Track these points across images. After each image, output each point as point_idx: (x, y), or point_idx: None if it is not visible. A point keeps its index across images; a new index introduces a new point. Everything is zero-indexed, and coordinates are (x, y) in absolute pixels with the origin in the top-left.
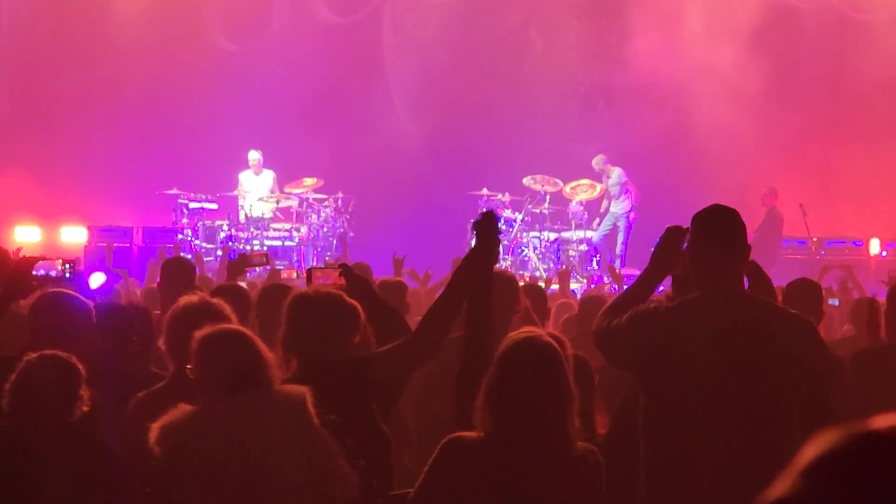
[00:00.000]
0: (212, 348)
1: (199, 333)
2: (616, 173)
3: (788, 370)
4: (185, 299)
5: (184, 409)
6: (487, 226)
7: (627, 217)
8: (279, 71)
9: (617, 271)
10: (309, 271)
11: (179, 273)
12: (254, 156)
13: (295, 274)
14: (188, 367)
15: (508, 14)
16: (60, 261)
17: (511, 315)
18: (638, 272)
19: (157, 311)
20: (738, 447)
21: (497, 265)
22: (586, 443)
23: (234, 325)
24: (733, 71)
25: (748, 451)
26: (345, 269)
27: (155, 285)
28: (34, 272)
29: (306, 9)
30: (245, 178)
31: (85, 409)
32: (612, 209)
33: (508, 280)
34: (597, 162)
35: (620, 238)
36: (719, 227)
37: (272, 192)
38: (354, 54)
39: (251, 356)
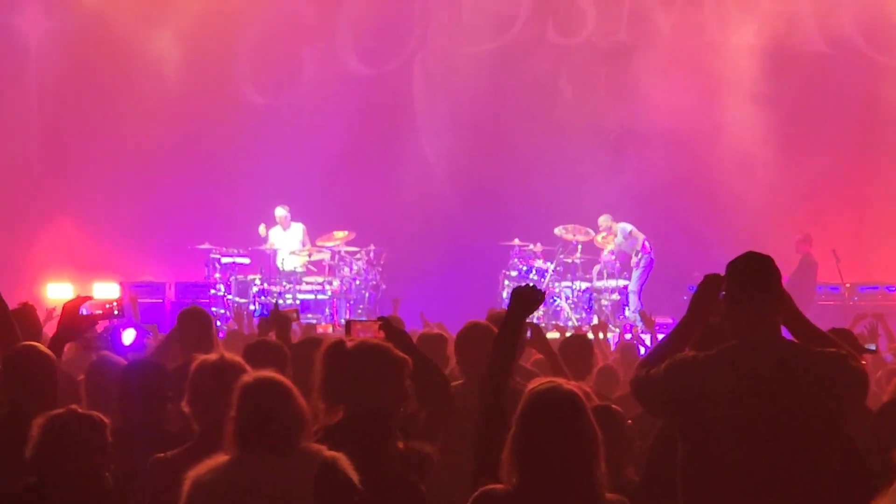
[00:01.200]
0: (251, 398)
1: (242, 379)
2: (620, 230)
3: (828, 415)
4: (203, 358)
5: (216, 460)
6: (520, 298)
7: (647, 261)
8: (310, 123)
9: (649, 316)
10: (347, 323)
11: (195, 323)
12: (280, 213)
13: (331, 328)
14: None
15: (537, 62)
16: (107, 302)
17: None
18: (670, 320)
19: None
20: (777, 494)
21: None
22: (616, 493)
23: (276, 375)
24: (764, 115)
25: (787, 499)
26: (384, 323)
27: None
28: (81, 311)
29: (337, 61)
30: (274, 233)
31: (111, 465)
32: (634, 260)
33: (487, 330)
34: (604, 220)
35: (636, 275)
36: (755, 274)
37: (303, 244)
38: (385, 105)
39: (289, 410)
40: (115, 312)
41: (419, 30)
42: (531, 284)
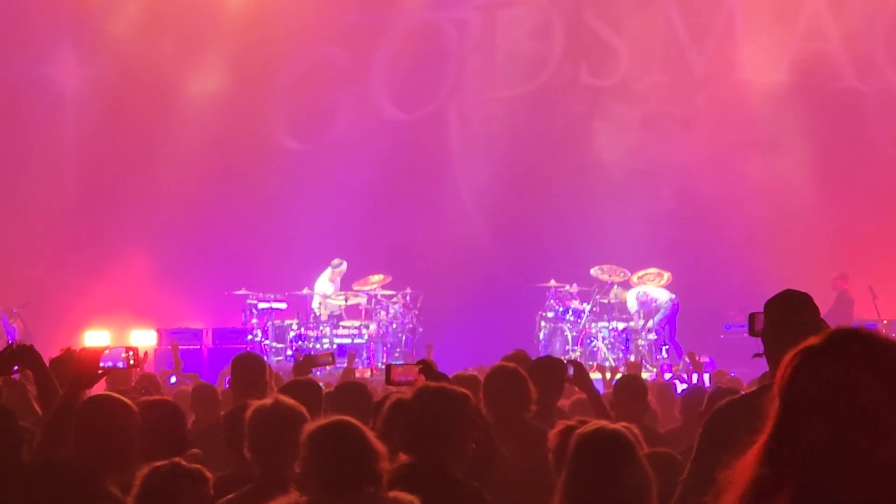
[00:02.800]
0: (325, 441)
1: (311, 425)
2: (632, 299)
3: None
4: (260, 403)
5: (289, 500)
6: None
7: (672, 306)
8: (346, 168)
9: (697, 359)
10: (388, 368)
11: (249, 369)
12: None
13: (369, 372)
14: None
15: (572, 105)
16: (124, 350)
17: (525, 408)
18: (707, 359)
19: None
20: None
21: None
22: None
23: (347, 418)
24: (798, 152)
25: None
26: (425, 366)
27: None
28: (101, 363)
29: (371, 106)
30: (321, 281)
31: None
32: (659, 301)
33: (515, 372)
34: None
35: (657, 318)
36: (793, 311)
37: (337, 288)
38: (421, 150)
39: (364, 451)
40: (131, 362)
41: (453, 74)
42: None
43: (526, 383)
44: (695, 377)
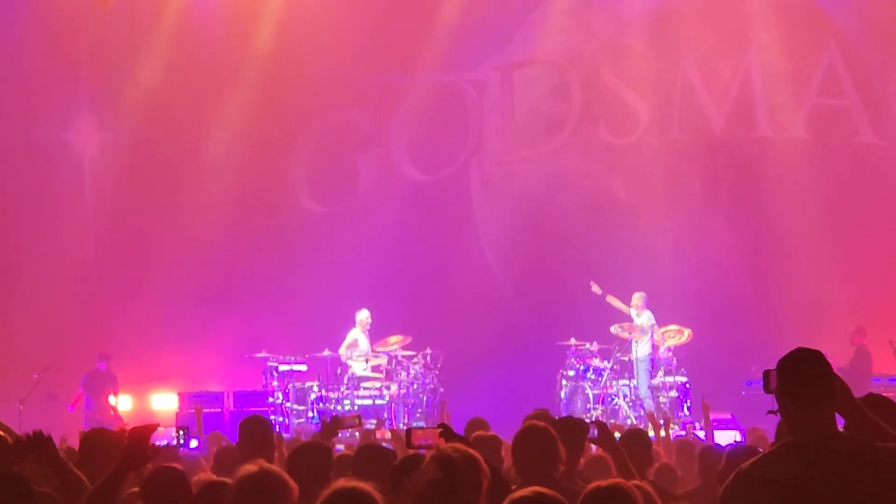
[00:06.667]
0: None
1: (327, 492)
2: (647, 316)
3: None
4: (245, 468)
5: None
6: None
7: (651, 360)
8: (366, 230)
9: (656, 419)
10: (408, 432)
11: (255, 432)
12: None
13: (389, 433)
14: None
15: (592, 164)
16: (174, 428)
17: (555, 468)
18: (728, 416)
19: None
20: None
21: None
22: None
23: (357, 484)
24: (816, 208)
25: None
26: (445, 430)
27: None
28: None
29: (392, 168)
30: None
31: None
32: (637, 354)
33: (546, 434)
34: (638, 298)
35: (645, 383)
36: (805, 370)
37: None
38: (442, 210)
39: None
40: (181, 441)
41: (473, 134)
42: None
43: (556, 443)
44: (701, 433)
